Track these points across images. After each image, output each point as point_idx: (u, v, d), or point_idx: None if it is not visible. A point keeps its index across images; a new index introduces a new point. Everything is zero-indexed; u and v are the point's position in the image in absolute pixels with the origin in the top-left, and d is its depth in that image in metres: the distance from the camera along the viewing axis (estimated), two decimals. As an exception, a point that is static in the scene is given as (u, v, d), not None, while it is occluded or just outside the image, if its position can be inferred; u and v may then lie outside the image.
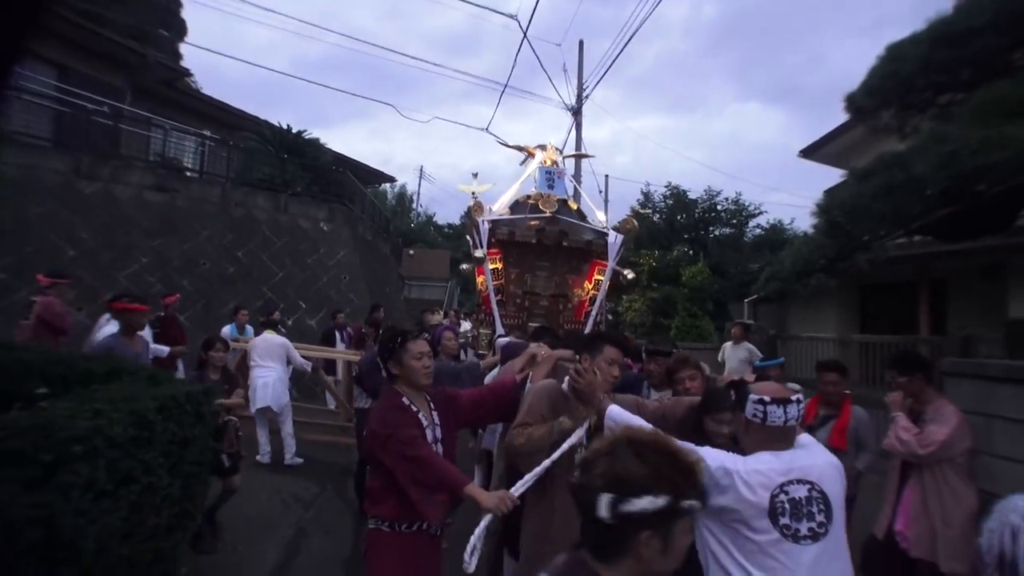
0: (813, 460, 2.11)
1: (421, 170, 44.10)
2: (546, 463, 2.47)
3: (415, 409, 2.68)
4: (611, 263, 6.30)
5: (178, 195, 12.50)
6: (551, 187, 6.55)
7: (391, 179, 26.13)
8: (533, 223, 6.32)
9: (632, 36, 11.61)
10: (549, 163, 6.73)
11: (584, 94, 12.71)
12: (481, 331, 6.37)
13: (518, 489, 2.43)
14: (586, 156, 6.70)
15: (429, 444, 2.64)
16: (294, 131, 15.62)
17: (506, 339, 4.88)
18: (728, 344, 8.97)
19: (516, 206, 6.67)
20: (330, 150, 17.03)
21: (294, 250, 13.81)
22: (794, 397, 2.11)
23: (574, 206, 6.79)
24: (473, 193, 6.26)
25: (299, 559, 4.63)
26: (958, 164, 5.42)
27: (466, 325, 13.21)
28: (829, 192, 7.88)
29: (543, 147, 7.04)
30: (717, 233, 19.24)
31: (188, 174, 13.67)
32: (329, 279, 14.12)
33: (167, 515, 2.98)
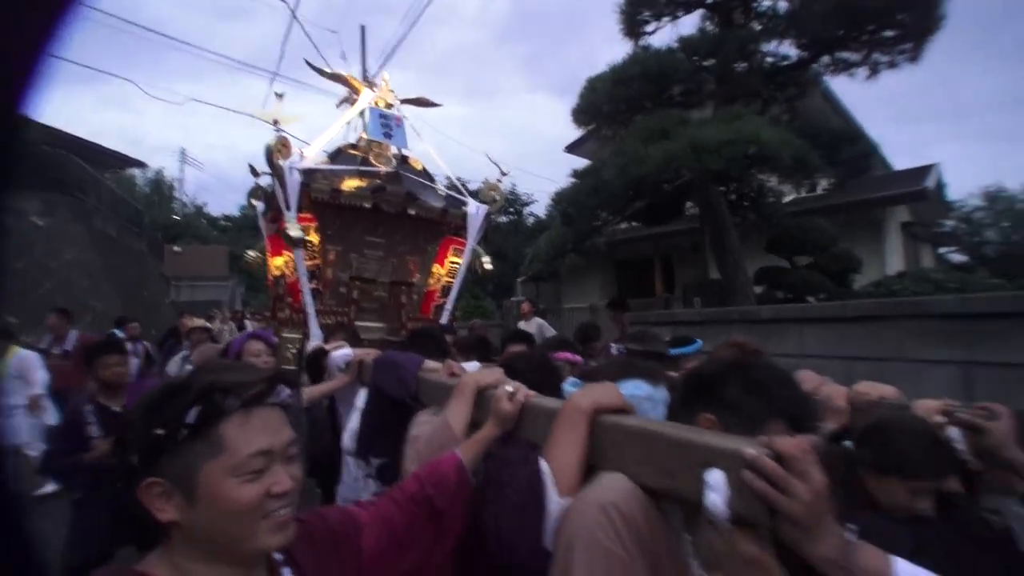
0: None
1: (183, 153, 30.10)
2: None
3: None
4: (471, 242, 3.78)
5: None
6: (388, 136, 3.66)
7: (139, 163, 17.92)
8: (365, 180, 3.47)
9: (413, 24, 9.30)
10: (384, 105, 3.76)
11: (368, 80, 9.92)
12: (284, 335, 3.51)
13: None
14: (432, 104, 4.09)
15: None
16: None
17: (345, 352, 2.40)
18: (521, 322, 7.32)
19: (338, 156, 3.65)
20: (43, 125, 10.93)
21: (-10, 253, 8.38)
22: None
23: (418, 164, 3.94)
24: (275, 122, 3.08)
25: None
26: (630, 172, 6.06)
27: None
28: (559, 190, 8.15)
29: (371, 84, 3.92)
30: (497, 221, 17.85)
31: None
32: (55, 285, 8.98)
33: None
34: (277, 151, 3.06)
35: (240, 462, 0.70)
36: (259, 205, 3.86)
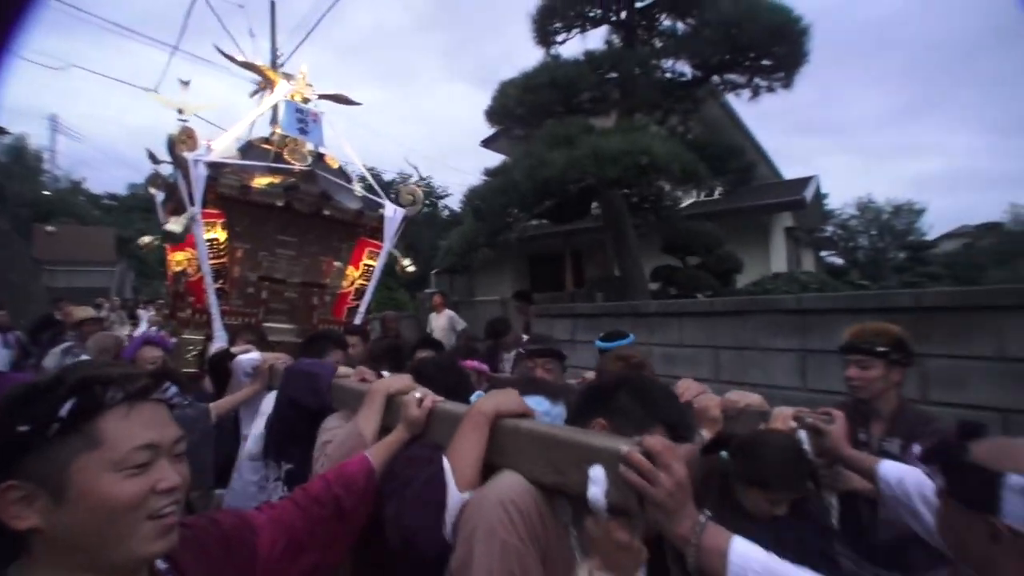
0: None
1: (54, 120, 24.02)
2: None
3: None
4: (388, 244, 3.66)
5: None
6: (304, 132, 3.44)
7: (-5, 130, 13.78)
8: (278, 177, 3.28)
9: (332, 6, 8.83)
10: (300, 99, 3.53)
11: (279, 60, 9.19)
12: (184, 336, 3.23)
13: None
14: (351, 103, 3.89)
15: None
16: None
17: (252, 357, 2.31)
18: (433, 315, 7.58)
19: (249, 151, 3.41)
20: None
21: None
22: None
23: (334, 163, 3.75)
24: (180, 112, 2.85)
25: None
26: (537, 175, 6.27)
27: (143, 324, 7.47)
28: (472, 186, 8.47)
29: (288, 75, 3.62)
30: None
31: None
32: None
33: None
34: (181, 142, 2.81)
35: (122, 456, 0.63)
36: (158, 194, 3.54)
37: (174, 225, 2.80)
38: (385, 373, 1.81)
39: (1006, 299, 2.77)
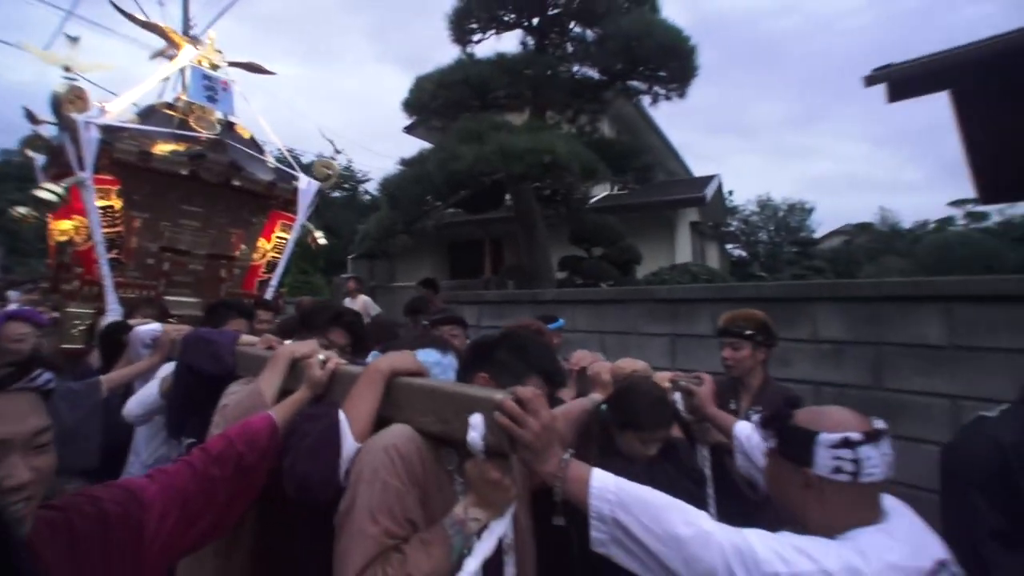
0: (919, 525, 0.92)
1: None
2: None
3: None
4: (301, 217, 3.55)
5: None
6: (212, 100, 3.24)
7: None
8: (183, 144, 3.07)
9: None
10: (208, 66, 3.30)
11: (191, 31, 8.24)
12: (69, 310, 2.93)
13: None
14: (264, 72, 3.65)
15: None
16: None
17: (152, 328, 2.09)
18: (347, 300, 7.32)
19: (151, 116, 3.15)
20: None
21: None
22: (879, 424, 0.91)
23: (246, 133, 3.54)
24: (67, 69, 2.57)
25: None
26: (448, 167, 6.48)
27: (12, 307, 6.26)
28: (387, 175, 8.51)
29: (195, 40, 3.39)
30: (331, 196, 16.40)
31: None
32: None
33: None
34: (69, 102, 2.57)
35: None
36: (38, 158, 3.22)
37: (47, 192, 2.52)
38: None
39: (818, 292, 3.34)
